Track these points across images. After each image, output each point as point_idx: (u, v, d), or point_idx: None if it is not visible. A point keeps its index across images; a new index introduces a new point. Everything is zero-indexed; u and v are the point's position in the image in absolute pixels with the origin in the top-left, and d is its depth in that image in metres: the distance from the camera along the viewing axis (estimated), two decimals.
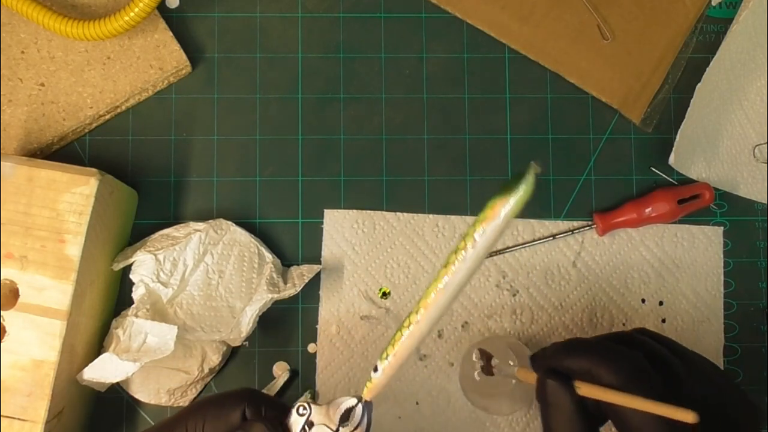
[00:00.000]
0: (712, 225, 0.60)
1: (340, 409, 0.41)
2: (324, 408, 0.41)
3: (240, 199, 0.59)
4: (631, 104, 0.60)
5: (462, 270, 0.37)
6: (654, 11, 0.61)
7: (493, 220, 0.36)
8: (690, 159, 0.59)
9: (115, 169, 0.56)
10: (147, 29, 0.58)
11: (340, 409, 0.41)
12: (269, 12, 0.61)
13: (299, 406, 0.41)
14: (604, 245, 0.60)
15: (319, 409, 0.41)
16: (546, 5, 0.61)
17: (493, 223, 0.36)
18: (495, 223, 0.36)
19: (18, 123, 0.56)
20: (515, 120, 0.60)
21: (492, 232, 0.36)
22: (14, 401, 0.48)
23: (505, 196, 0.36)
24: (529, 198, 0.36)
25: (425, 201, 0.59)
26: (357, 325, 0.58)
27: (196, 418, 0.42)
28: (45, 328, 0.49)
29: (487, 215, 0.36)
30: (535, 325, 0.59)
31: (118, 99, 0.58)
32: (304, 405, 0.41)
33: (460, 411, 0.57)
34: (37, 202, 0.50)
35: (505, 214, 0.36)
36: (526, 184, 0.36)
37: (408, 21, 0.61)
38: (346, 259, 0.58)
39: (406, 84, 0.61)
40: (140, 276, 0.54)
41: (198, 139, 0.59)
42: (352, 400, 0.41)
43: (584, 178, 0.60)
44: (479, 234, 0.36)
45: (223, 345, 0.55)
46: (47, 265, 0.49)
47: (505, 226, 0.36)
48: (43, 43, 0.57)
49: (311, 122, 0.60)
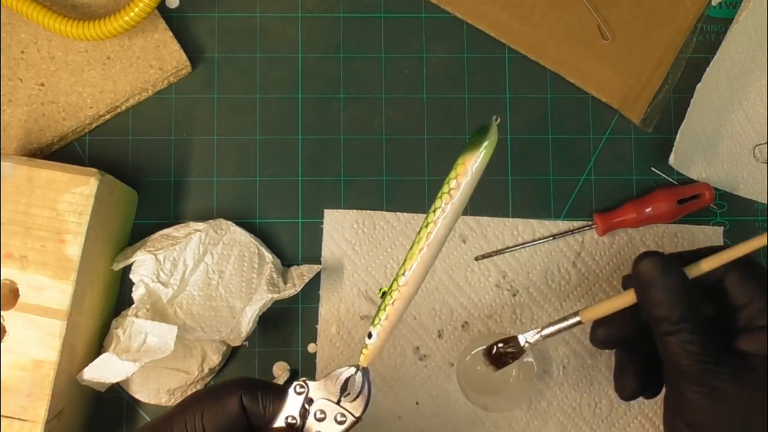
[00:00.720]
0: (712, 225, 0.60)
1: (340, 379, 0.41)
2: (322, 382, 0.42)
3: (240, 199, 0.59)
4: (631, 104, 0.60)
5: (441, 227, 0.39)
6: (654, 11, 0.61)
7: (464, 174, 0.38)
8: (690, 159, 0.59)
9: (115, 169, 0.55)
10: (147, 29, 0.58)
11: (339, 379, 0.41)
12: (269, 12, 0.61)
13: (296, 385, 0.42)
14: (604, 245, 0.59)
15: (316, 384, 0.41)
16: (546, 5, 0.61)
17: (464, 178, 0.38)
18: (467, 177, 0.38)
19: (18, 123, 0.56)
20: (515, 120, 0.60)
21: (465, 186, 0.39)
22: (14, 401, 0.48)
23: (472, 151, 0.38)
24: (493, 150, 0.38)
25: (425, 201, 0.59)
26: (357, 325, 0.58)
27: (194, 410, 0.41)
28: (45, 328, 0.49)
29: (458, 171, 0.38)
30: (535, 325, 0.58)
31: (118, 99, 0.58)
32: (300, 383, 0.42)
33: (460, 411, 0.57)
34: (37, 202, 0.50)
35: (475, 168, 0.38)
36: (491, 136, 0.38)
37: (408, 21, 0.61)
38: (346, 259, 0.58)
39: (406, 84, 0.61)
40: (140, 276, 0.54)
41: (198, 139, 0.59)
42: (351, 369, 0.42)
43: (584, 178, 0.60)
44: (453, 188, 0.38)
45: (223, 345, 0.55)
46: (47, 265, 0.49)
47: (476, 179, 0.39)
48: (43, 43, 0.57)
49: (311, 122, 0.60)
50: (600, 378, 0.58)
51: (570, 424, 0.58)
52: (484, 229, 0.59)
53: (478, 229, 0.59)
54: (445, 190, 0.39)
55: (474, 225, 0.59)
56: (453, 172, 0.39)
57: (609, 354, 0.58)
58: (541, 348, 0.58)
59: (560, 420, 0.58)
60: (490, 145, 0.38)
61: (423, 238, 0.40)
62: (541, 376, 0.58)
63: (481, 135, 0.38)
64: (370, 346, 0.42)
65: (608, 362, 0.58)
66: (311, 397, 0.41)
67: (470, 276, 0.59)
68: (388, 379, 0.58)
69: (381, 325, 0.42)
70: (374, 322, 0.42)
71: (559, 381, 0.58)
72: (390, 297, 0.41)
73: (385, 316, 0.41)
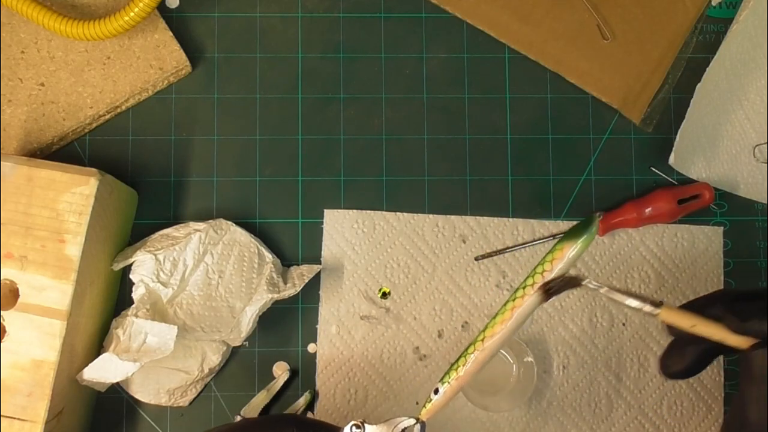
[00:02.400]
0: (712, 225, 0.60)
1: (398, 427, 0.42)
2: (378, 427, 0.42)
3: (240, 199, 0.59)
4: (631, 104, 0.60)
5: (527, 304, 0.40)
6: (654, 11, 0.61)
7: (561, 260, 0.40)
8: (690, 159, 0.59)
9: (115, 169, 0.55)
10: (147, 29, 0.58)
11: (397, 427, 0.42)
12: (269, 12, 0.61)
13: (353, 425, 0.42)
14: (604, 245, 0.60)
15: (373, 428, 0.42)
16: (546, 5, 0.61)
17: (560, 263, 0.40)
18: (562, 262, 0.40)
19: (18, 123, 0.56)
20: (515, 120, 0.60)
21: (558, 271, 0.40)
22: (14, 401, 0.48)
23: (572, 240, 0.40)
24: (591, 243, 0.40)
25: (425, 201, 0.59)
26: (357, 325, 0.58)
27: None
28: (45, 328, 0.49)
29: (555, 255, 0.40)
30: (535, 325, 0.59)
31: (118, 99, 0.58)
32: (358, 424, 0.42)
33: (460, 411, 0.57)
34: (37, 202, 0.50)
35: (571, 255, 0.40)
36: (592, 229, 0.40)
37: (408, 21, 0.61)
38: (346, 259, 0.58)
39: (406, 84, 0.61)
40: (140, 276, 0.54)
41: (198, 139, 0.59)
42: (410, 420, 0.42)
43: (584, 178, 0.60)
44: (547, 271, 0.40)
45: (223, 345, 0.55)
46: (47, 265, 0.49)
47: (569, 267, 0.40)
48: (43, 43, 0.57)
49: (311, 122, 0.60)
50: (600, 378, 0.58)
51: (570, 424, 0.58)
52: (484, 229, 0.59)
53: (478, 229, 0.59)
54: (539, 270, 0.40)
55: (474, 225, 0.59)
56: (549, 255, 0.41)
57: (609, 354, 0.58)
58: (541, 348, 0.58)
59: (560, 420, 0.58)
60: (589, 237, 0.40)
61: (509, 311, 0.41)
62: (541, 376, 0.58)
63: (584, 227, 0.40)
64: (435, 402, 0.42)
65: (608, 362, 0.58)
66: None
67: (470, 276, 0.59)
68: (388, 379, 0.58)
69: (449, 384, 0.42)
70: (443, 378, 0.42)
71: (559, 381, 0.58)
72: (465, 359, 0.41)
73: (455, 377, 0.42)
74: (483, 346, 0.41)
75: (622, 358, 0.58)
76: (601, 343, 0.59)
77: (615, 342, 0.59)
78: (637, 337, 0.59)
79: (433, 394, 0.42)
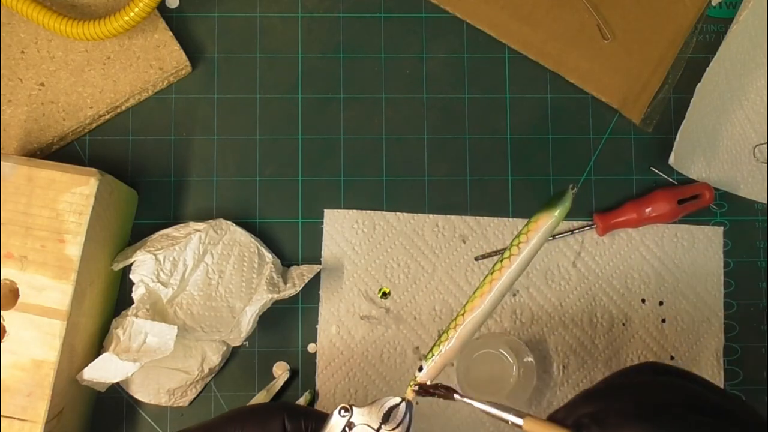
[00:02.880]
0: (712, 225, 0.60)
1: (384, 407, 0.42)
2: (366, 408, 0.42)
3: (240, 199, 0.59)
4: (631, 104, 0.60)
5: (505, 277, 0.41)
6: (654, 11, 0.61)
7: (536, 231, 0.41)
8: (690, 159, 0.59)
9: (115, 169, 0.55)
10: (147, 29, 0.58)
11: (384, 407, 0.42)
12: (269, 12, 0.61)
13: (341, 408, 0.42)
14: (604, 245, 0.59)
15: (360, 410, 0.42)
16: (546, 5, 0.61)
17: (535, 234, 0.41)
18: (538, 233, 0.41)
19: (18, 123, 0.56)
20: (515, 120, 0.60)
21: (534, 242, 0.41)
22: (14, 401, 0.48)
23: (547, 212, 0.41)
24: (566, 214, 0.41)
25: (425, 201, 0.59)
26: (357, 325, 0.58)
27: (235, 425, 0.42)
28: (45, 328, 0.49)
29: (530, 227, 0.41)
30: (535, 325, 0.59)
31: (118, 99, 0.58)
32: (346, 407, 0.42)
33: (460, 411, 0.57)
34: (37, 202, 0.50)
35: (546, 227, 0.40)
36: (566, 202, 0.41)
37: (408, 21, 0.61)
38: (346, 259, 0.58)
39: (406, 84, 0.61)
40: (140, 276, 0.54)
41: (198, 139, 0.59)
42: (396, 399, 0.42)
43: (584, 178, 0.60)
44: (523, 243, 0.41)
45: (223, 345, 0.55)
46: (47, 265, 0.49)
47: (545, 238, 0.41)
48: (43, 43, 0.57)
49: (311, 122, 0.60)
50: (600, 378, 0.58)
51: None
52: (484, 229, 0.59)
53: (478, 229, 0.59)
54: (515, 243, 0.41)
55: (474, 225, 0.59)
56: (525, 228, 0.41)
57: (609, 354, 0.58)
58: (541, 348, 0.58)
59: None
60: (564, 210, 0.41)
61: (487, 284, 0.41)
62: (541, 376, 0.58)
63: (557, 199, 0.41)
64: (419, 379, 0.42)
65: (608, 362, 0.58)
66: (353, 422, 0.42)
67: (470, 276, 0.59)
68: (388, 379, 0.58)
69: (433, 361, 0.42)
70: (427, 356, 0.42)
71: (559, 381, 0.58)
72: (447, 335, 0.42)
73: (439, 353, 0.42)
74: (464, 320, 0.42)
75: (622, 358, 0.58)
76: (601, 343, 0.59)
77: (615, 342, 0.59)
78: (637, 337, 0.59)
79: (417, 371, 0.42)
